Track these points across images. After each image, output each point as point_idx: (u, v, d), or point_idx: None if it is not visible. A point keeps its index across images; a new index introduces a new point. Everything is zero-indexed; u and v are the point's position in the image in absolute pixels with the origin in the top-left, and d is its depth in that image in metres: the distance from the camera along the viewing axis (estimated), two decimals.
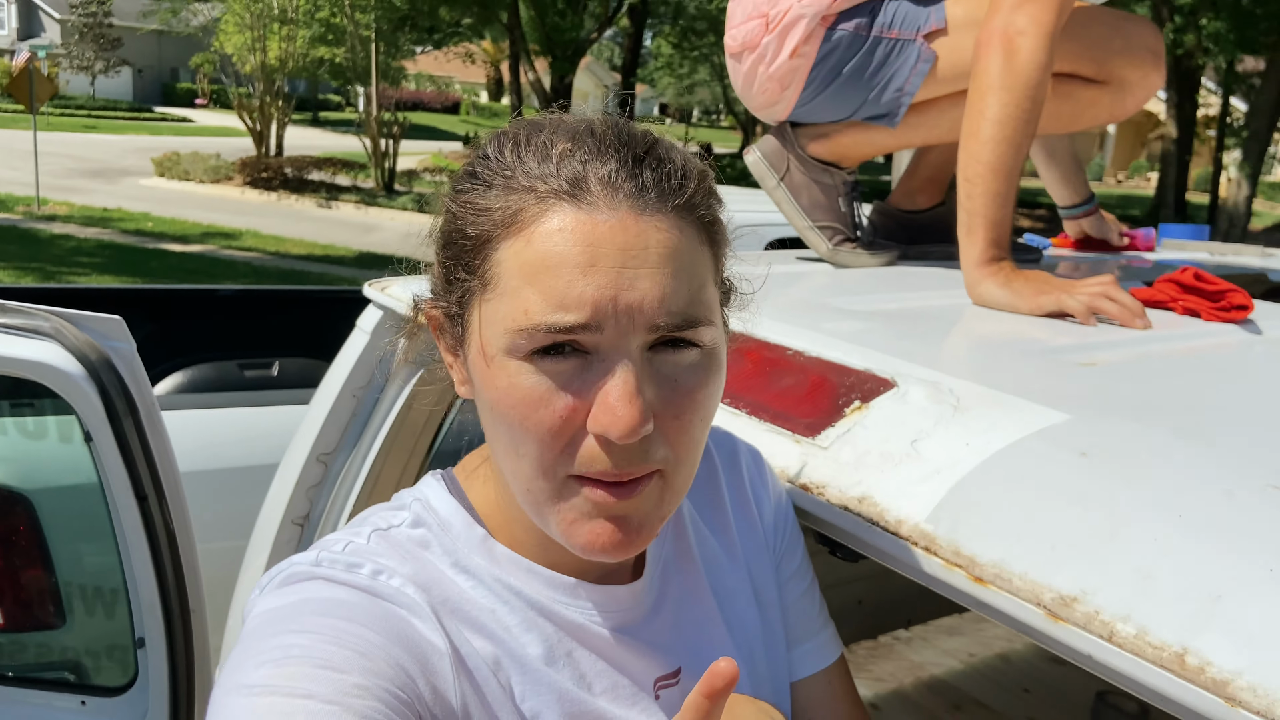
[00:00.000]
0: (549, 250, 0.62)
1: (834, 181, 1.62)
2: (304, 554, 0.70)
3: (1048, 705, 2.37)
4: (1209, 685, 0.61)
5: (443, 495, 0.76)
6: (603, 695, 0.73)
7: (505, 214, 0.65)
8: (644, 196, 0.64)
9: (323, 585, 0.66)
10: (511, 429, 0.65)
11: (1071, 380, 0.98)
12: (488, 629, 0.70)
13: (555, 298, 0.62)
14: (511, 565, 0.73)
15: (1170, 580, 0.67)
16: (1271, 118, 18.01)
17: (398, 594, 0.67)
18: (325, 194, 16.93)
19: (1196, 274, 1.32)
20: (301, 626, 0.62)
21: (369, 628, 0.63)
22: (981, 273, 1.31)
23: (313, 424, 1.59)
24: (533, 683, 0.71)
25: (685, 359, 0.66)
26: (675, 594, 0.80)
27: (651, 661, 0.76)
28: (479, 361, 0.67)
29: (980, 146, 1.31)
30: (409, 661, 0.63)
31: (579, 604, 0.74)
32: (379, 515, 0.75)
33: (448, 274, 0.70)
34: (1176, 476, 0.77)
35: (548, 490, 0.66)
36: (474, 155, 0.70)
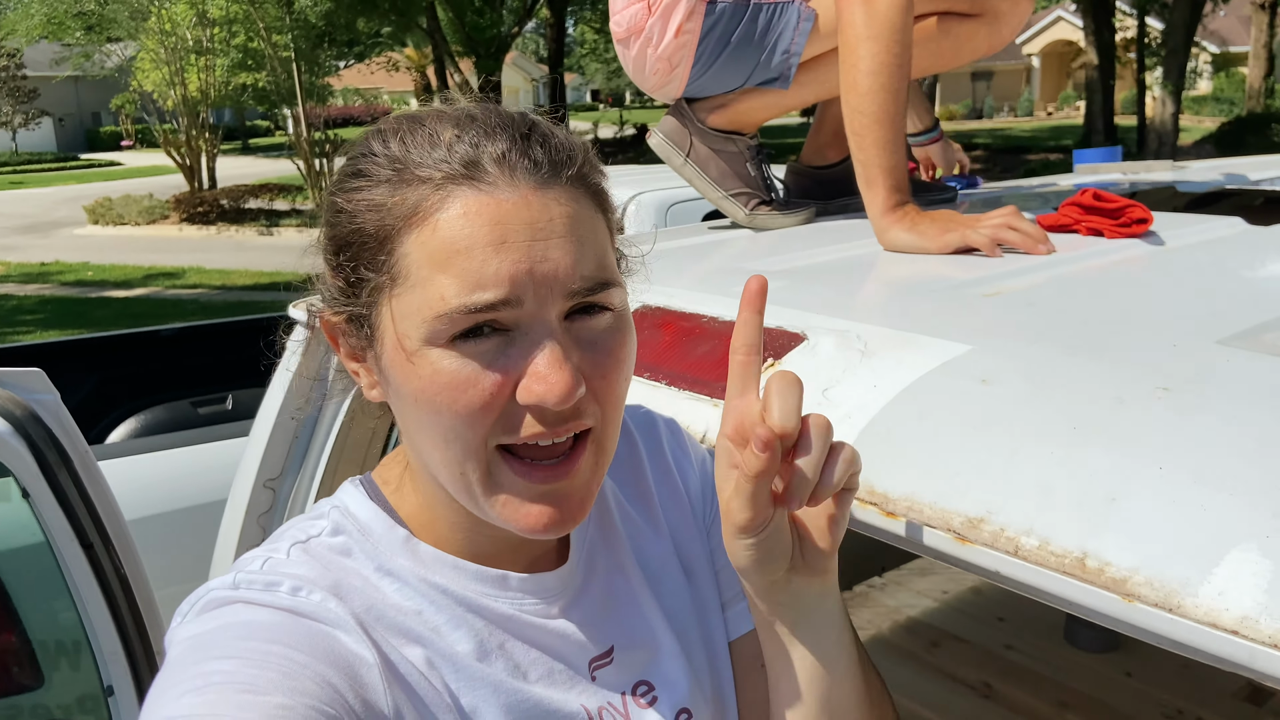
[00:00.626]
0: (457, 234, 0.63)
1: (738, 149, 1.64)
2: (222, 577, 0.69)
3: (1023, 630, 2.43)
4: (1108, 584, 0.64)
5: (361, 500, 0.76)
6: (539, 683, 0.74)
7: (405, 206, 0.65)
8: (540, 172, 0.66)
9: (242, 608, 0.66)
10: (439, 416, 0.66)
11: (975, 312, 1.01)
12: (415, 632, 0.71)
13: (470, 279, 0.63)
14: (437, 563, 0.74)
15: (1067, 490, 0.70)
16: (1187, 33, 18.30)
17: (319, 609, 0.67)
18: (265, 221, 16.71)
19: (1096, 194, 1.36)
20: (222, 652, 0.62)
21: (292, 647, 0.63)
22: (888, 220, 1.34)
23: (255, 451, 1.59)
24: (466, 680, 0.71)
25: (601, 323, 0.68)
26: (602, 574, 0.81)
27: (584, 643, 0.77)
28: (397, 357, 0.67)
29: (860, 99, 1.34)
30: (336, 677, 0.63)
31: (508, 595, 0.75)
32: (297, 527, 0.75)
33: (348, 276, 0.69)
34: (1070, 391, 0.79)
35: (479, 472, 0.67)
36: (356, 154, 0.70)
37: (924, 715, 2.07)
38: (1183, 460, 0.68)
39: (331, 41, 21.33)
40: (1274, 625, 0.56)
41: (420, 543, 0.74)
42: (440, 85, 23.17)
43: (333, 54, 23.16)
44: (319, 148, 17.01)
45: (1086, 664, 2.24)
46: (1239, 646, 0.57)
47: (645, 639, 0.81)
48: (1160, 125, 18.55)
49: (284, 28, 18.37)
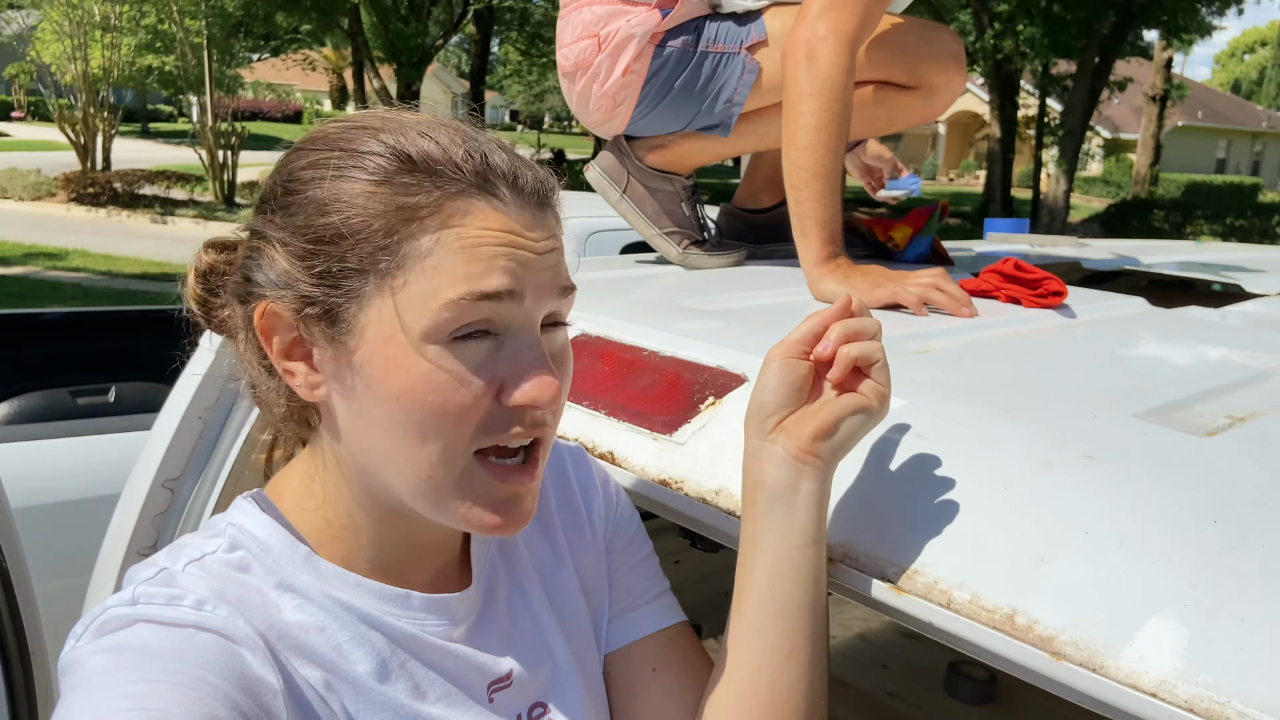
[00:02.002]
0: (472, 235, 0.67)
1: (674, 188, 1.67)
2: (119, 594, 0.66)
3: (904, 678, 2.48)
4: (1036, 642, 0.67)
5: (257, 516, 0.73)
6: (437, 704, 0.73)
7: (421, 205, 0.66)
8: (536, 197, 0.71)
9: (145, 628, 0.63)
10: (424, 415, 0.67)
11: (908, 367, 1.04)
12: (317, 652, 0.69)
13: (480, 268, 0.66)
14: (338, 580, 0.72)
15: (1000, 547, 0.72)
16: (1084, 116, 19.37)
17: (226, 625, 0.64)
18: (160, 209, 16.09)
19: (1017, 264, 1.42)
20: (128, 676, 0.59)
21: (201, 666, 0.60)
22: (820, 271, 1.37)
23: (156, 449, 1.52)
24: (366, 702, 0.70)
25: (560, 337, 0.74)
26: (504, 598, 0.82)
27: (484, 666, 0.77)
28: (386, 351, 0.67)
29: (799, 153, 1.38)
30: (244, 700, 0.61)
31: (411, 614, 0.74)
32: (190, 545, 0.71)
33: (326, 267, 0.67)
34: (1003, 452, 0.83)
35: (452, 476, 0.69)
36: (340, 147, 0.69)
37: None
38: (1108, 527, 0.72)
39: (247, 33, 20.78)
40: (1190, 690, 0.60)
41: (321, 559, 0.73)
42: (357, 89, 22.79)
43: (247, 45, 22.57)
44: (224, 139, 16.52)
45: (964, 715, 2.30)
46: (1158, 709, 0.60)
47: (543, 660, 0.82)
48: (1053, 201, 19.53)
49: (198, 13, 17.83)
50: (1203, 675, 0.59)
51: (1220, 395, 1.03)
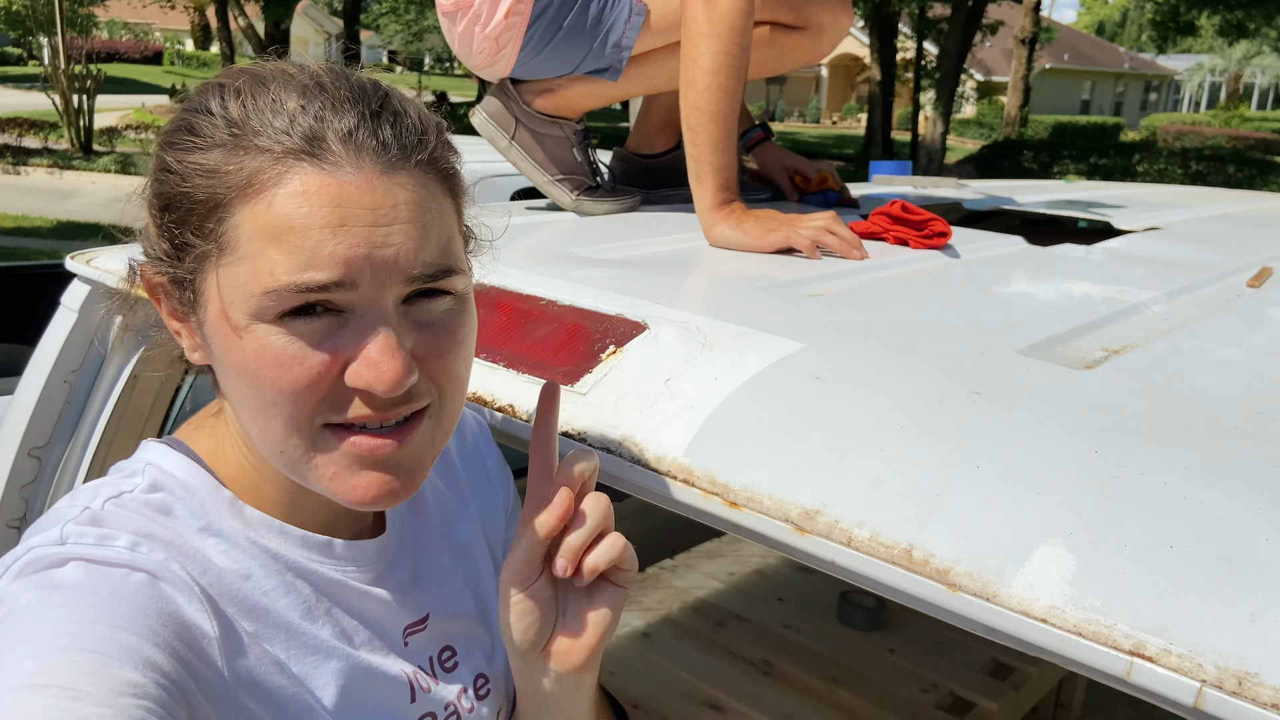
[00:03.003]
0: (293, 211, 0.61)
1: (565, 134, 1.64)
2: (45, 534, 0.63)
3: (799, 609, 2.57)
4: (933, 575, 0.69)
5: (176, 459, 0.71)
6: (363, 647, 0.75)
7: (239, 176, 0.61)
8: (387, 154, 0.63)
9: (77, 566, 0.60)
10: (262, 390, 0.63)
11: (803, 311, 1.06)
12: (245, 596, 0.68)
13: (304, 257, 0.60)
14: (263, 527, 0.71)
15: (897, 485, 0.74)
16: (959, 60, 19.84)
17: (161, 568, 0.62)
18: (11, 158, 15.03)
19: (904, 206, 1.45)
20: (66, 615, 0.56)
21: (140, 609, 0.59)
22: (715, 216, 1.37)
23: (20, 416, 1.44)
24: (299, 646, 0.70)
25: (440, 305, 0.67)
26: (413, 545, 0.83)
27: (400, 610, 0.79)
28: (220, 327, 0.64)
29: (698, 95, 1.37)
30: (181, 646, 0.60)
31: (334, 561, 0.74)
32: (106, 484, 0.69)
33: (172, 238, 0.65)
34: (896, 392, 0.85)
35: (303, 447, 0.65)
36: (191, 108, 0.66)
37: (709, 692, 2.15)
38: (996, 461, 0.74)
39: None
40: (1078, 615, 0.63)
41: (245, 505, 0.71)
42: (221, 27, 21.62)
43: None
44: (79, 82, 15.50)
45: (855, 642, 2.40)
46: (1048, 634, 0.63)
47: (451, 607, 0.84)
48: (931, 143, 20.05)
49: None
50: (1090, 600, 0.62)
51: (1096, 329, 1.07)
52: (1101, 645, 0.61)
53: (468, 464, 0.92)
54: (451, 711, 0.81)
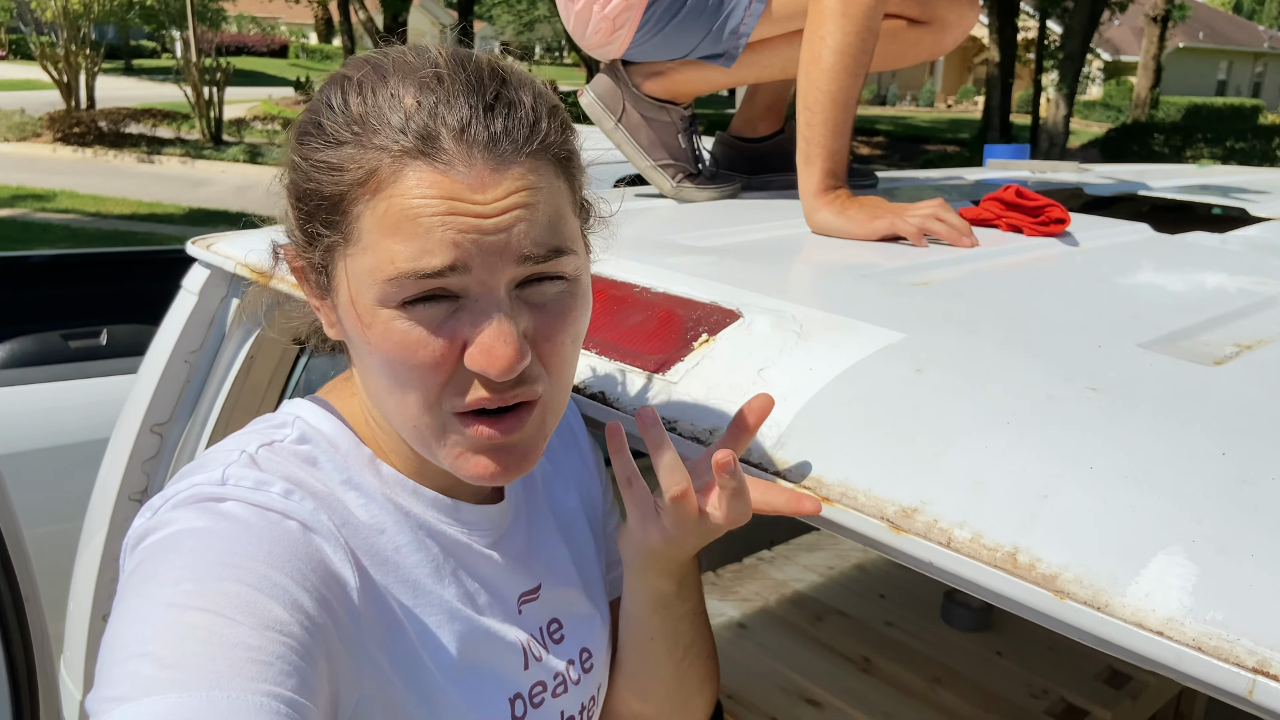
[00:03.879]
0: (407, 206, 0.63)
1: (671, 119, 1.62)
2: (205, 473, 0.66)
3: (902, 607, 2.50)
4: (1039, 580, 0.65)
5: (322, 415, 0.75)
6: (484, 611, 0.77)
7: (359, 173, 0.64)
8: (498, 148, 0.65)
9: (237, 505, 0.64)
10: (393, 371, 0.67)
11: (906, 300, 1.02)
12: (380, 550, 0.71)
13: (418, 245, 0.63)
14: (398, 485, 0.75)
15: (1001, 484, 0.71)
16: (1084, 39, 19.01)
17: (312, 517, 0.66)
18: (147, 148, 15.85)
19: (1018, 191, 1.38)
20: (228, 546, 0.60)
21: (294, 554, 0.62)
22: (819, 201, 1.34)
23: (143, 394, 1.50)
24: (423, 601, 0.72)
25: (552, 289, 0.69)
26: (526, 516, 0.85)
27: (516, 577, 0.81)
28: (349, 312, 0.68)
29: (821, 74, 1.33)
30: (326, 593, 0.63)
31: (460, 524, 0.77)
32: (259, 431, 0.73)
33: (305, 227, 0.69)
34: (1003, 386, 0.80)
35: (433, 426, 0.69)
36: (317, 105, 0.69)
37: (805, 687, 2.11)
38: (1113, 461, 0.70)
39: None
40: (1198, 628, 0.58)
41: (382, 463, 0.75)
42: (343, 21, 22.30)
43: None
44: (209, 75, 16.20)
45: (960, 642, 2.33)
46: (1164, 647, 0.59)
47: (560, 580, 0.86)
48: (1052, 126, 19.28)
49: None
50: (1211, 613, 0.58)
51: (1227, 323, 1.00)
52: (1223, 661, 0.56)
53: (565, 443, 0.94)
54: (559, 681, 0.82)
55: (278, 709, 0.54)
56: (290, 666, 0.56)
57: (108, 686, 0.52)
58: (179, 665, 0.53)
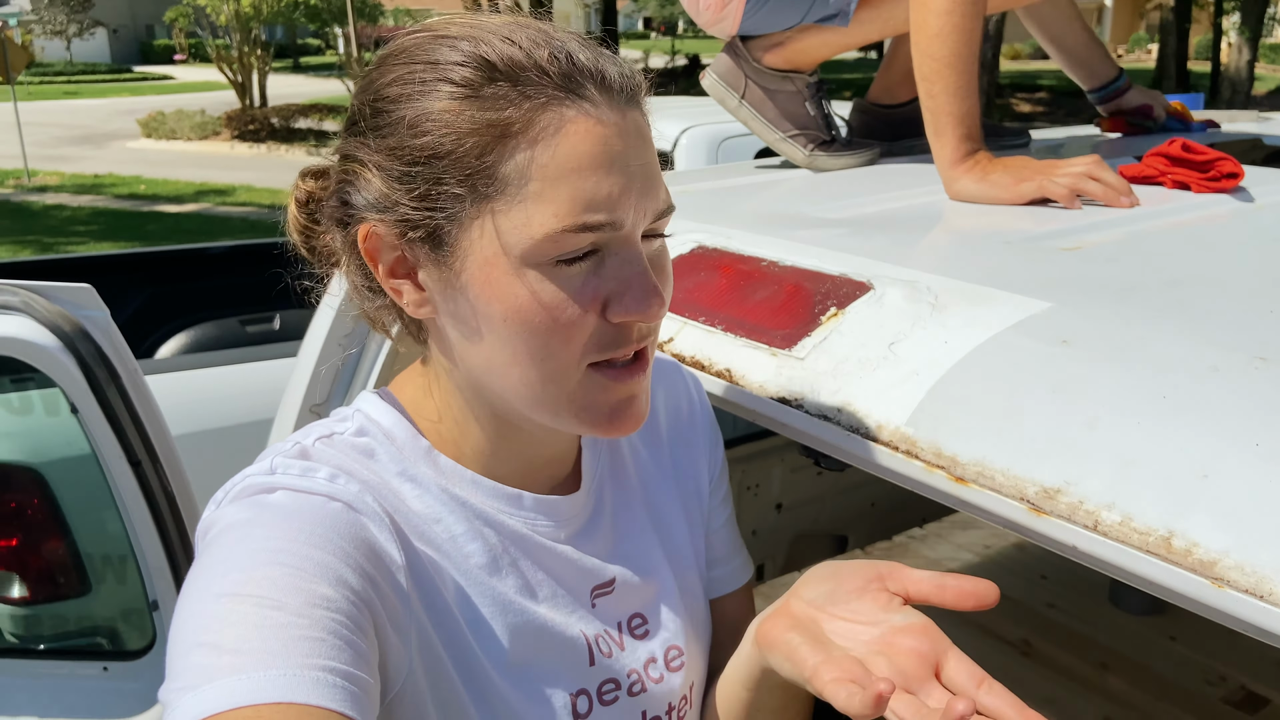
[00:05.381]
0: (568, 154, 0.63)
1: (796, 88, 1.57)
2: (257, 464, 0.69)
3: (1065, 588, 2.39)
4: (1196, 567, 0.60)
5: (383, 408, 0.76)
6: (545, 604, 0.75)
7: (514, 121, 0.63)
8: (623, 91, 0.67)
9: (283, 494, 0.66)
10: (534, 335, 0.66)
11: (1054, 267, 0.96)
12: (434, 538, 0.71)
13: (583, 199, 0.64)
14: (456, 476, 0.74)
15: (1154, 464, 0.65)
16: None
17: (357, 499, 0.67)
18: (314, 141, 16.71)
19: (1185, 144, 1.28)
20: (270, 533, 0.62)
21: (336, 533, 0.63)
22: (957, 170, 1.27)
23: (302, 376, 1.58)
24: (477, 592, 0.72)
25: (655, 245, 0.71)
26: (610, 507, 0.83)
27: (589, 570, 0.79)
28: (489, 273, 0.66)
29: (929, 41, 1.26)
30: (373, 570, 0.64)
31: (523, 514, 0.76)
32: (322, 424, 0.75)
33: (423, 189, 0.65)
34: (1160, 357, 0.74)
35: (567, 389, 0.69)
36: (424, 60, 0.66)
37: None
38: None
39: None
40: None
41: (440, 454, 0.75)
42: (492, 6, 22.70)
43: None
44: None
45: (1130, 626, 2.20)
46: None
47: (645, 574, 0.83)
48: (1235, 73, 17.82)
49: None
50: None
51: None
52: None
53: (675, 426, 0.90)
54: (635, 680, 0.79)
55: (334, 682, 0.55)
56: (342, 640, 0.58)
57: (174, 679, 0.55)
58: (235, 650, 0.55)
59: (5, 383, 1.86)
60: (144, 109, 20.21)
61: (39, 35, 38.98)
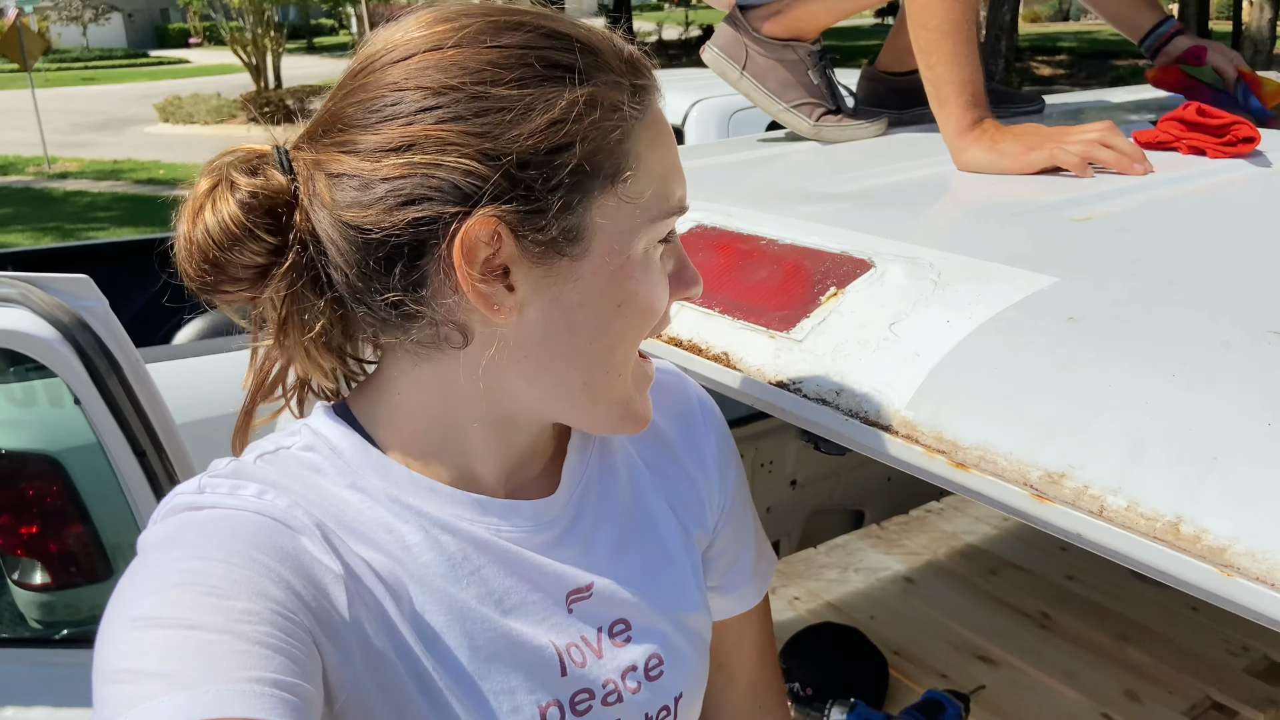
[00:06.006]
0: (656, 137, 0.66)
1: (798, 56, 1.53)
2: (189, 482, 0.67)
3: (1085, 559, 2.36)
4: (1204, 554, 0.58)
5: (330, 422, 0.72)
6: (512, 612, 0.72)
7: (624, 105, 0.64)
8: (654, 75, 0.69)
9: (208, 512, 0.64)
10: (641, 321, 0.68)
11: (1062, 239, 0.93)
12: (385, 547, 0.68)
13: (677, 178, 0.68)
14: (410, 484, 0.70)
15: (1162, 446, 0.63)
16: None
17: (285, 513, 0.64)
18: None
19: (1200, 109, 1.24)
20: (185, 553, 0.60)
21: (256, 548, 0.61)
22: (965, 140, 1.24)
23: None
24: (434, 601, 0.69)
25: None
26: (593, 510, 0.78)
27: (562, 575, 0.75)
28: (609, 263, 0.65)
29: (920, 10, 1.23)
30: (298, 582, 0.61)
31: (485, 519, 0.71)
32: (268, 440, 0.72)
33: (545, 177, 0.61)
34: (1170, 333, 0.72)
35: (630, 374, 0.70)
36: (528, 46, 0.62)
37: (978, 644, 2.03)
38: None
39: None
40: None
41: (394, 463, 0.70)
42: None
43: None
44: None
45: (1151, 597, 2.18)
46: None
47: (630, 580, 0.78)
48: (1256, 32, 17.45)
49: None
50: None
51: None
52: None
53: (682, 437, 0.85)
54: (611, 689, 0.76)
55: (264, 692, 0.54)
56: (269, 649, 0.56)
57: (99, 709, 0.54)
58: (155, 675, 0.53)
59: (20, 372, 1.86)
60: (161, 93, 20.26)
61: (55, 22, 39.12)
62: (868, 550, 2.44)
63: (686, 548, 0.83)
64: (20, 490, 1.92)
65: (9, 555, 1.91)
